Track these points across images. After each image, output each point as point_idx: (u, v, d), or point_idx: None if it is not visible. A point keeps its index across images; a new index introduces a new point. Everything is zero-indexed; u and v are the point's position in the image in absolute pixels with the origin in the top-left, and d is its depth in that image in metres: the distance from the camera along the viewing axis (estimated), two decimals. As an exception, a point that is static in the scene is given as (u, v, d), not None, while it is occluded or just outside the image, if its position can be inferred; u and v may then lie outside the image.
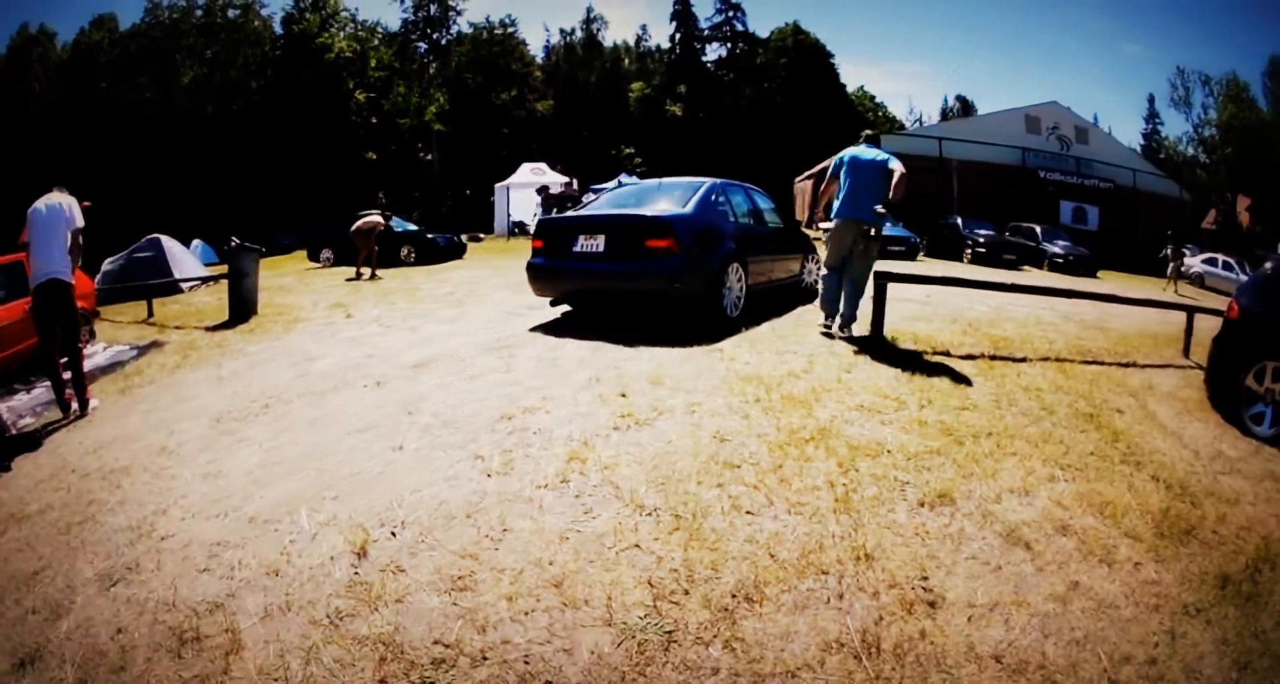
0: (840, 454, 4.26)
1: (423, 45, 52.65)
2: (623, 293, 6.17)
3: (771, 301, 7.91)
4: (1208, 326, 7.30)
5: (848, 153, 5.91)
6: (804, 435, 4.41)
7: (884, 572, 3.39)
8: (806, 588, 3.22)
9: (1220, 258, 23.03)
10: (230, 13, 44.69)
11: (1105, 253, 24.41)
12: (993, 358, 6.84)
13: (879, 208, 5.59)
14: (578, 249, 6.21)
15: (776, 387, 5.19)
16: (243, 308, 9.04)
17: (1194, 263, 24.78)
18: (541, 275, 6.40)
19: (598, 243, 6.19)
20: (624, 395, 4.94)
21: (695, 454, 4.08)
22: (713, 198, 6.64)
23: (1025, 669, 3.03)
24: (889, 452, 4.36)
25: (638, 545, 3.33)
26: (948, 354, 6.75)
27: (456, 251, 15.36)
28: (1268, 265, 6.34)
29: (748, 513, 3.66)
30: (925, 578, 3.44)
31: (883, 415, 4.93)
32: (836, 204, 5.86)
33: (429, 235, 16.22)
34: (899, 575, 3.37)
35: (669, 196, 6.61)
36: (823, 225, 6.03)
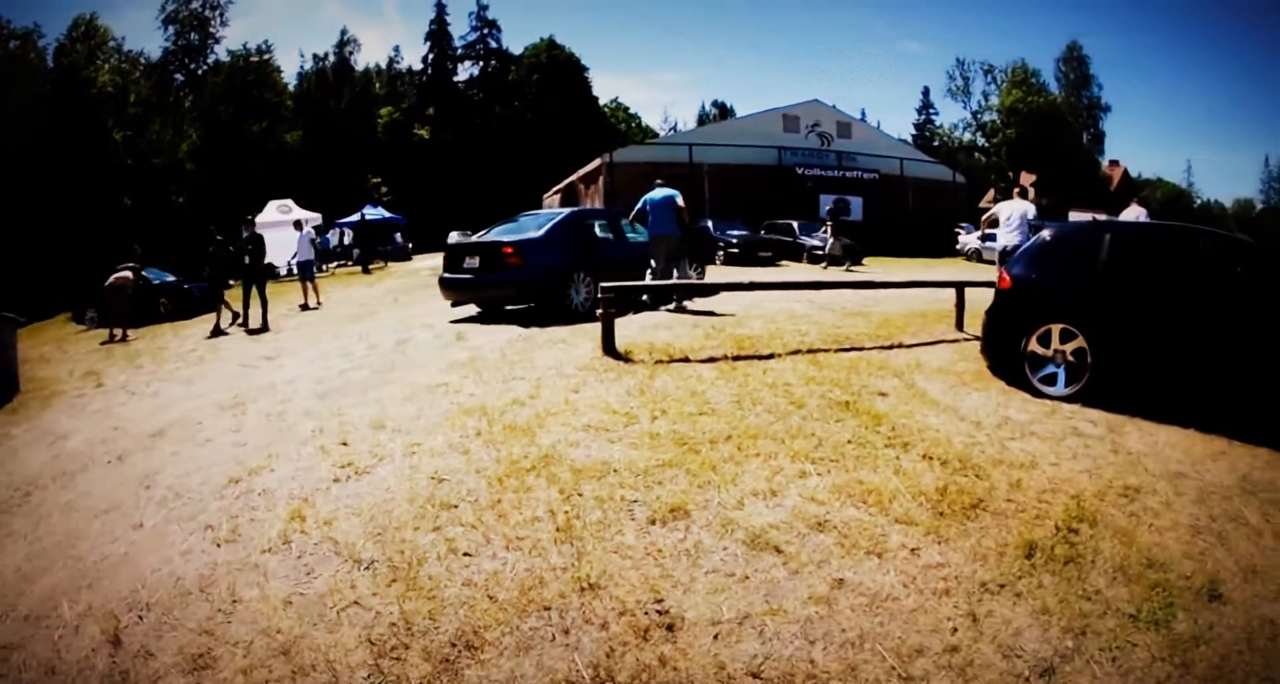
0: (563, 480, 6.37)
1: (180, 76, 79.05)
2: (490, 295, 15.71)
3: (629, 299, 14.32)
4: (982, 299, 11.54)
5: (646, 197, 15.35)
6: (525, 465, 6.71)
7: (613, 599, 4.80)
8: (529, 627, 4.63)
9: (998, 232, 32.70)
10: (11, 44, 67.06)
11: (873, 240, 39.21)
12: (736, 358, 10.34)
13: (672, 226, 15.04)
14: (465, 265, 15.32)
15: (499, 417, 8.10)
16: (3, 386, 13.81)
17: (970, 240, 43.16)
18: (445, 285, 15.79)
19: (477, 261, 15.10)
20: (345, 444, 7.74)
21: (412, 499, 6.23)
22: (567, 224, 15.84)
23: (792, 681, 4.25)
24: (616, 471, 6.50)
25: (357, 602, 4.94)
26: (687, 360, 10.31)
27: (213, 301, 21.26)
28: (1045, 233, 10.60)
29: (465, 555, 5.41)
30: (660, 600, 4.82)
31: (611, 433, 7.43)
32: (656, 231, 15.09)
33: (185, 285, 26.33)
34: (629, 601, 4.77)
35: (534, 226, 15.67)
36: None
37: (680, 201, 15.28)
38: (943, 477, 6.63)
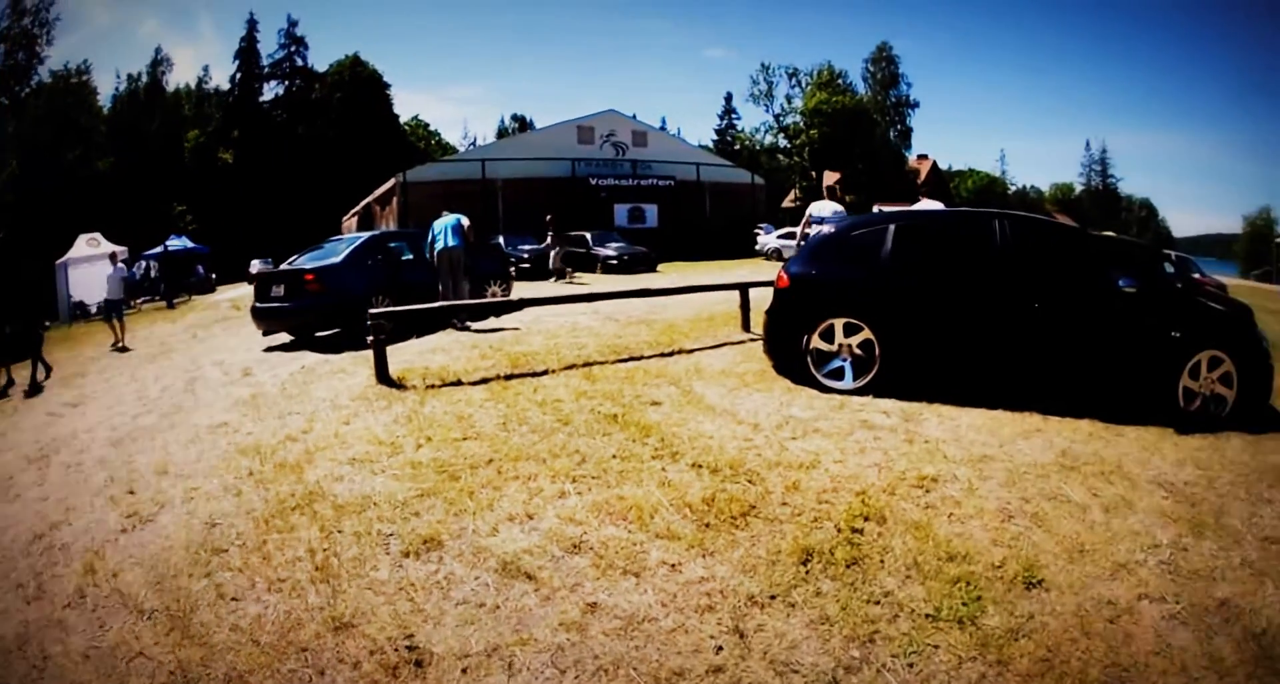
0: (324, 517, 6.59)
1: (4, 99, 78.42)
2: (296, 323, 16.41)
3: (436, 321, 15.83)
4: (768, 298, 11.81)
5: (436, 224, 16.70)
6: (291, 503, 6.94)
7: (365, 638, 4.94)
8: (289, 669, 4.74)
9: (798, 231, 33.69)
10: None
11: (670, 246, 45.15)
12: (509, 377, 10.76)
13: (456, 243, 16.54)
14: (273, 294, 16.49)
15: (271, 455, 8.39)
16: None
17: (769, 240, 46.23)
18: (255, 314, 16.89)
19: (282, 289, 16.29)
20: (132, 493, 7.93)
21: (188, 545, 6.45)
22: (366, 248, 17.19)
23: (539, 712, 4.61)
24: (375, 504, 6.72)
25: (142, 653, 5.08)
26: (459, 383, 10.68)
27: (32, 346, 19.77)
28: (825, 228, 11.59)
29: (233, 599, 5.57)
30: (410, 636, 4.92)
31: (375, 465, 7.71)
32: (439, 247, 16.53)
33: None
34: (381, 638, 4.90)
35: (335, 251, 17.10)
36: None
37: (466, 222, 16.75)
38: (712, 485, 6.64)
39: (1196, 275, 30.11)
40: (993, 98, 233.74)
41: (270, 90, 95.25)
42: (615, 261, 35.70)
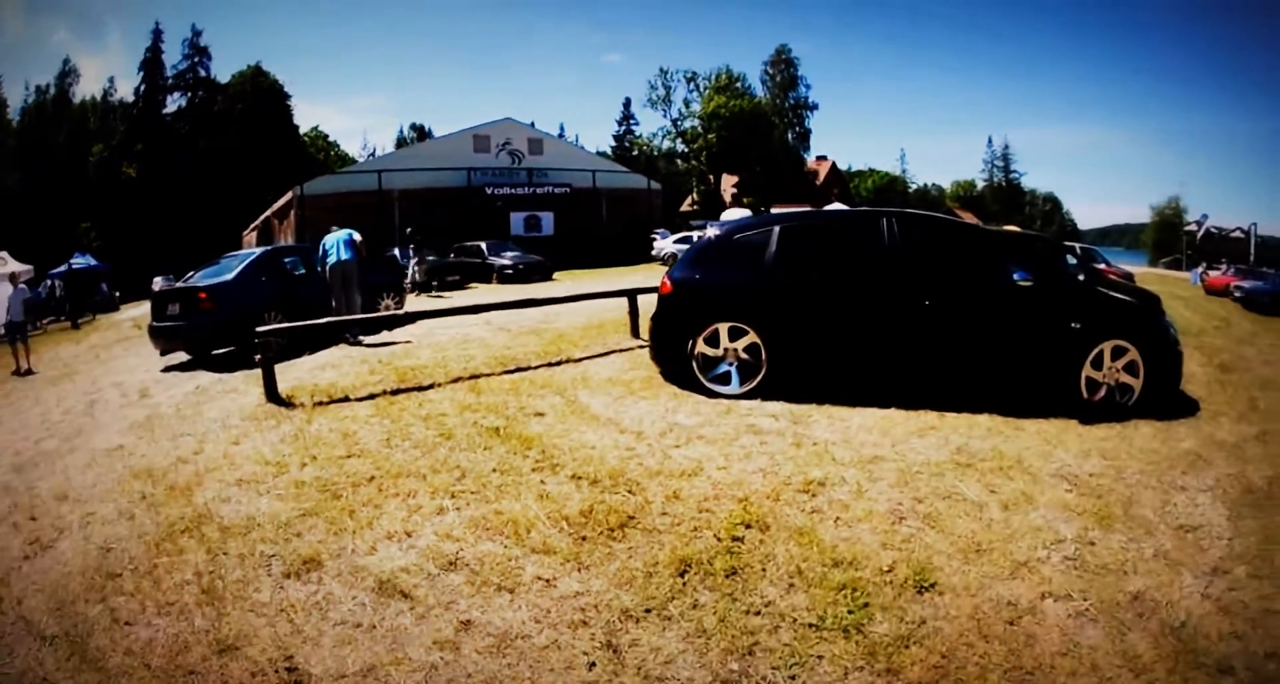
0: (211, 540, 6.61)
1: None
2: (191, 342, 16.36)
3: (329, 336, 15.81)
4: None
5: (327, 238, 16.74)
6: (180, 527, 6.95)
7: (247, 660, 4.91)
8: None
9: (695, 236, 33.44)
10: None
11: (566, 254, 45.61)
12: (396, 392, 10.78)
13: (348, 256, 16.44)
14: (168, 312, 16.72)
15: (164, 478, 8.37)
16: None
17: (665, 245, 47.43)
18: (152, 333, 17.02)
19: (177, 307, 16.45)
20: (34, 518, 7.87)
21: (84, 571, 6.46)
22: (259, 264, 17.32)
23: (411, 731, 4.77)
24: (260, 525, 6.72)
25: (46, 678, 5.10)
26: (347, 399, 10.69)
27: None
28: (710, 233, 11.73)
29: (126, 623, 5.55)
30: (289, 657, 4.89)
31: (261, 485, 7.71)
32: (330, 261, 16.50)
33: None
34: (262, 660, 4.87)
35: (229, 268, 17.13)
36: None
37: (357, 237, 16.88)
38: (590, 497, 6.64)
39: (1102, 265, 31.18)
40: (894, 97, 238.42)
41: (174, 102, 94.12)
42: (511, 271, 36.41)
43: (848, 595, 4.98)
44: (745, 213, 14.96)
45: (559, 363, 12.15)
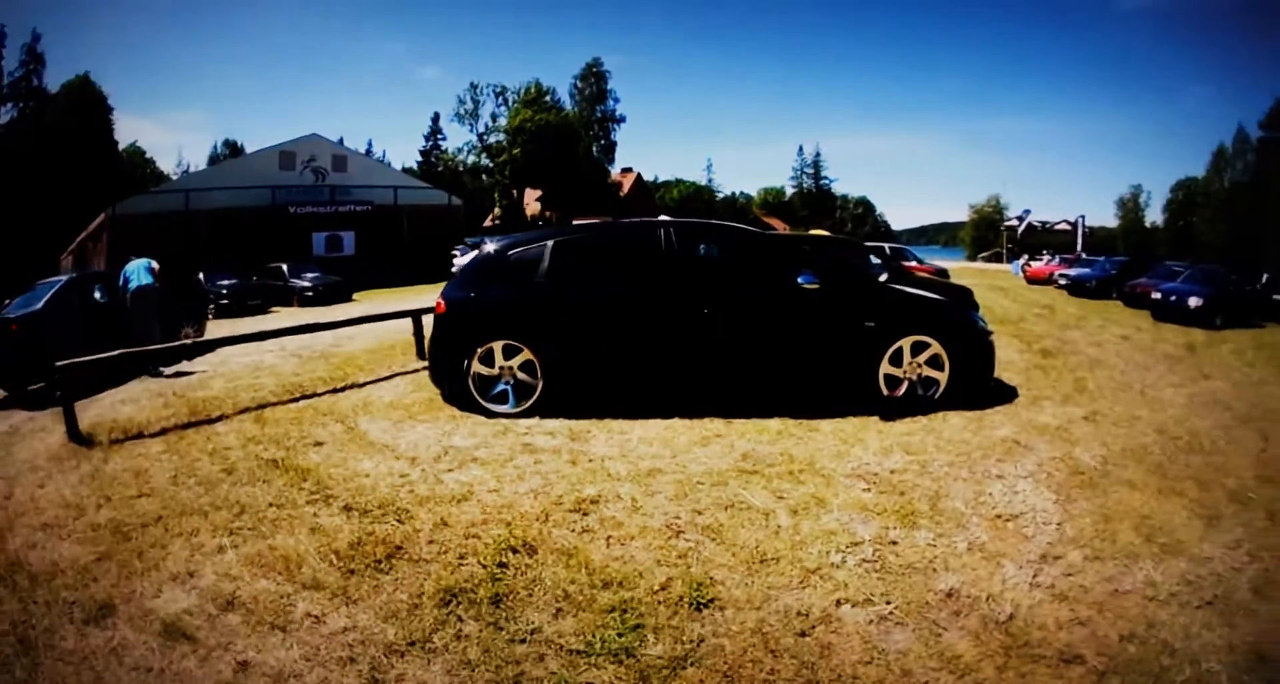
0: (23, 588, 6.31)
1: None
2: (7, 376, 15.45)
3: (135, 367, 15.18)
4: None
5: (128, 266, 16.21)
6: None
7: None
8: None
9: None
10: None
11: (367, 273, 46.92)
12: (187, 426, 10.60)
13: (148, 283, 16.10)
14: None
15: None
16: None
17: (464, 262, 39.72)
18: None
19: None
20: None
21: None
22: (67, 292, 16.79)
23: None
24: (62, 571, 6.49)
25: None
26: (141, 435, 10.30)
27: None
28: (487, 248, 11.37)
29: None
30: None
31: (63, 529, 7.40)
32: (131, 288, 15.98)
33: None
34: None
35: (38, 297, 16.50)
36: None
37: (155, 265, 16.55)
38: (359, 528, 6.59)
39: (913, 263, 33.41)
40: (706, 108, 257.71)
41: (5, 114, 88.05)
42: (311, 293, 37.14)
43: (618, 618, 4.94)
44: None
45: (344, 388, 12.19)
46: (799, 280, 9.54)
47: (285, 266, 40.23)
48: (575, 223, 54.30)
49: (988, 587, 5.41)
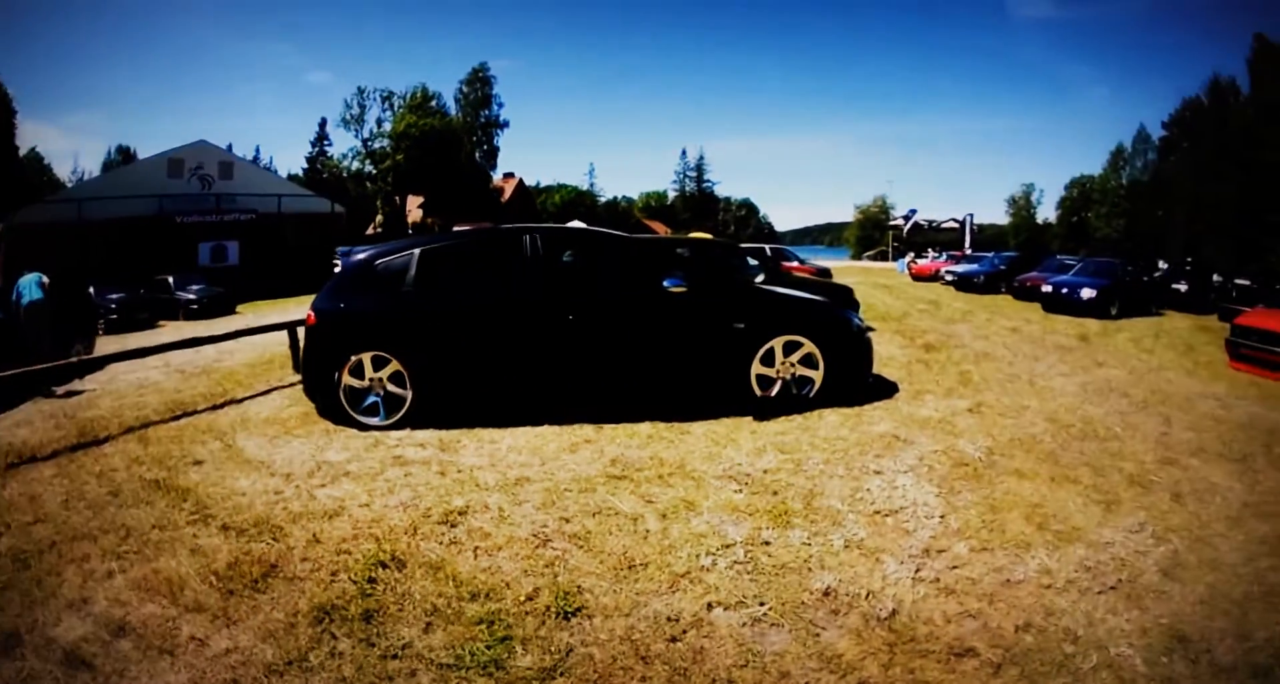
0: None
1: None
2: None
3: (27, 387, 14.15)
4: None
5: (20, 281, 16.69)
6: None
7: None
8: None
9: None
10: None
11: (252, 284, 46.46)
12: (75, 448, 10.22)
13: (39, 298, 16.71)
14: None
15: None
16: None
17: None
18: None
19: None
20: None
21: None
22: None
23: None
24: None
25: None
26: (34, 459, 9.84)
27: None
28: (357, 257, 11.53)
29: None
30: None
31: None
32: (24, 303, 16.52)
33: None
34: None
35: None
36: None
37: (45, 279, 16.88)
38: (237, 548, 6.57)
39: (795, 263, 34.26)
40: (590, 113, 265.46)
41: None
42: (196, 306, 37.37)
43: (486, 630, 5.01)
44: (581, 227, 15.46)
45: (224, 404, 12.19)
46: (665, 284, 9.74)
47: (172, 279, 40.25)
48: (455, 229, 52.28)
49: (867, 584, 5.52)
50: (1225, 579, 6.31)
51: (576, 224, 39.07)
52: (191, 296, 38.19)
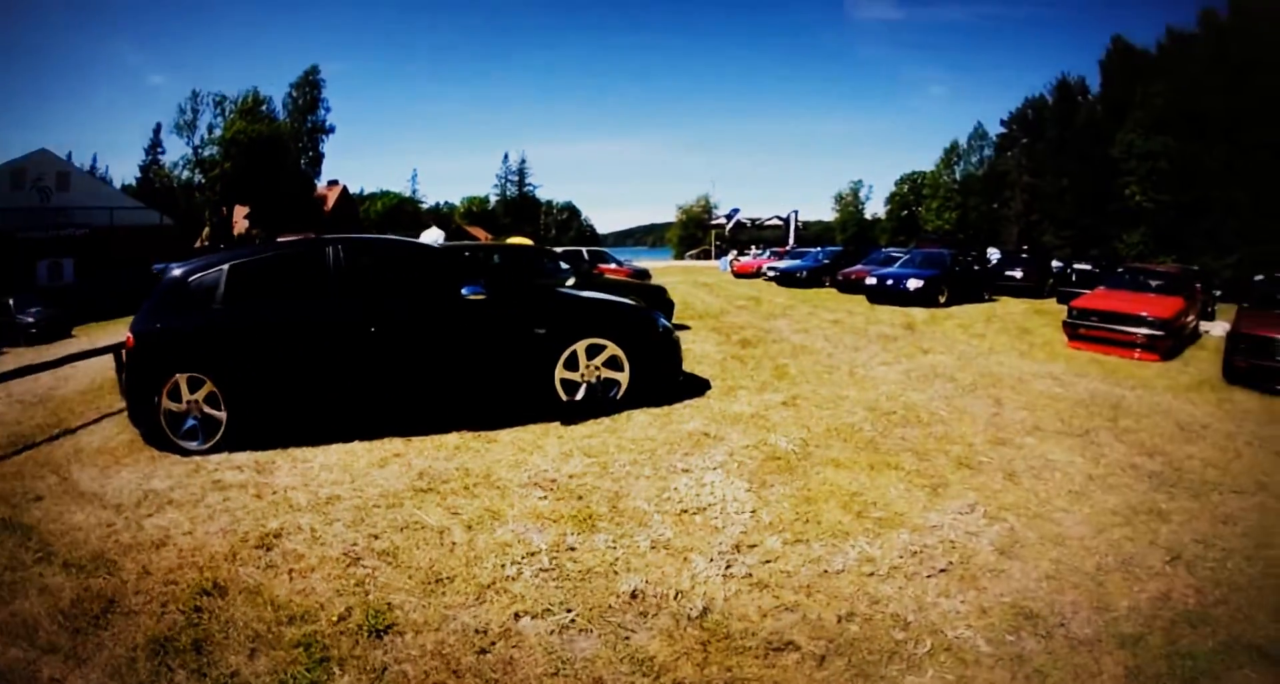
0: None
1: None
2: None
3: None
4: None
5: None
6: None
7: None
8: None
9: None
10: None
11: (89, 303, 44.34)
12: None
13: None
14: None
15: None
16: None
17: None
18: None
19: None
20: None
21: None
22: None
23: None
24: None
25: None
26: None
27: None
28: (173, 273, 11.12)
29: None
30: None
31: None
32: None
33: None
34: None
35: None
36: None
37: None
38: (78, 584, 6.59)
39: (613, 265, 35.65)
40: (415, 117, 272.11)
41: None
42: (35, 330, 36.65)
43: (305, 653, 5.21)
44: (439, 234, 15.34)
45: (59, 435, 11.99)
46: (464, 292, 10.15)
47: (12, 301, 39.01)
48: (277, 240, 55.86)
49: (675, 583, 5.84)
50: (1073, 553, 6.77)
51: (430, 234, 39.29)
52: (30, 320, 37.49)
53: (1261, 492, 8.87)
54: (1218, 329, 23.84)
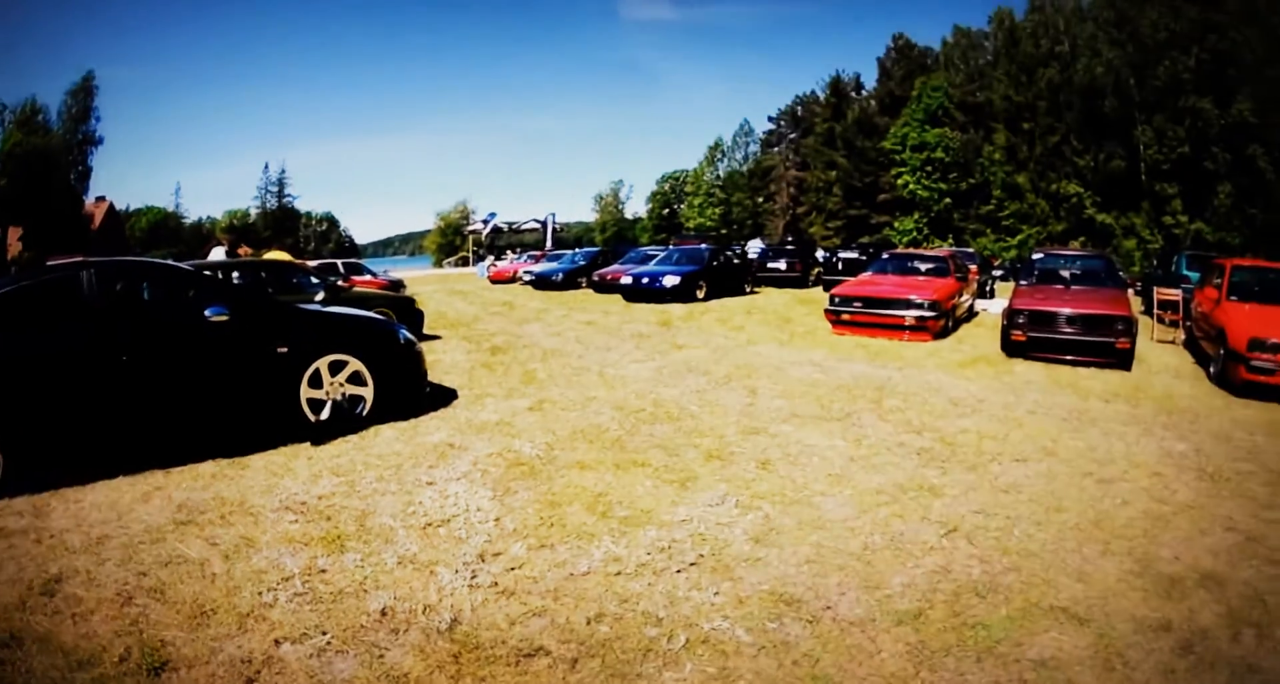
0: None
1: None
2: None
3: None
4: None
5: None
6: None
7: None
8: None
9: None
10: None
11: None
12: None
13: None
14: None
15: None
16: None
17: None
18: None
19: None
20: None
21: None
22: None
23: None
24: None
25: None
26: None
27: None
28: None
29: None
30: None
31: None
32: None
33: None
34: None
35: None
36: None
37: None
38: None
39: (367, 277, 37.08)
40: (173, 129, 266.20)
41: None
42: None
43: None
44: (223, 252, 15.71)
45: None
46: (207, 313, 10.27)
47: None
48: (48, 263, 55.41)
49: (423, 598, 6.16)
50: (836, 535, 7.30)
51: (218, 253, 39.66)
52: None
53: (1049, 457, 9.68)
54: (996, 307, 25.66)
